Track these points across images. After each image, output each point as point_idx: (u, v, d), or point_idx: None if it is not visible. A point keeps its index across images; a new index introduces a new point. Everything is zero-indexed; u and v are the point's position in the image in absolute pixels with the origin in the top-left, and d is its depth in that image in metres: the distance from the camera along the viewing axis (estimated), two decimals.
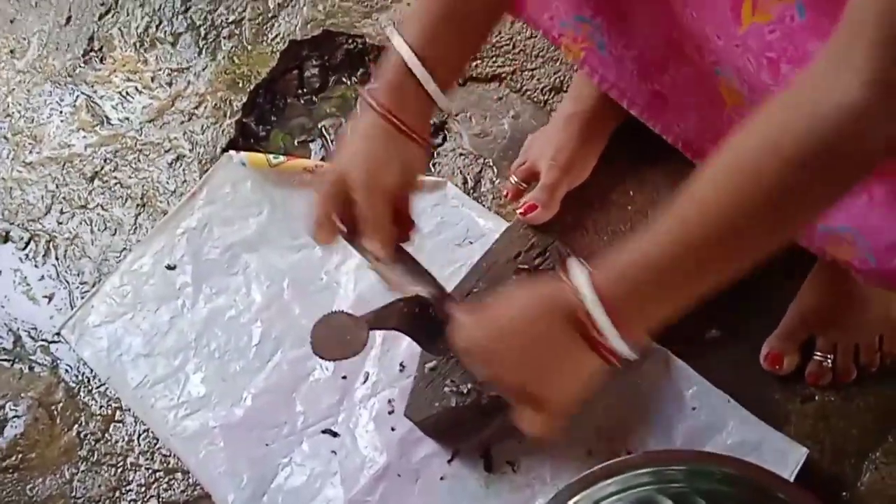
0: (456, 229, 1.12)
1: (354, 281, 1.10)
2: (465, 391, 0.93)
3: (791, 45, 0.63)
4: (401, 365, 1.04)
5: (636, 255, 0.65)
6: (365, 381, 1.04)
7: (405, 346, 1.02)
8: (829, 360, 0.97)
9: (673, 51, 0.78)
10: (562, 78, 1.22)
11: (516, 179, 1.08)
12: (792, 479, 0.90)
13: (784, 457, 0.92)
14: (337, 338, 0.82)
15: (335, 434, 1.02)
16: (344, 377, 1.05)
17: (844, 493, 0.93)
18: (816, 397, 0.98)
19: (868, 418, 0.97)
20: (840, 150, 0.54)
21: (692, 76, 0.78)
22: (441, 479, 0.97)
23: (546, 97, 1.21)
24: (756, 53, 0.66)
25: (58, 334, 1.14)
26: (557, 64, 1.23)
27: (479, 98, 1.22)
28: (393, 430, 1.01)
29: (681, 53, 0.77)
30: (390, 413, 1.02)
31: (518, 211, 1.00)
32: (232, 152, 1.20)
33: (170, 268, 1.15)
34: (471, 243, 1.10)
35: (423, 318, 0.84)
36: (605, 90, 0.85)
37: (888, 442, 0.95)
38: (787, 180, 0.57)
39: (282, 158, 1.17)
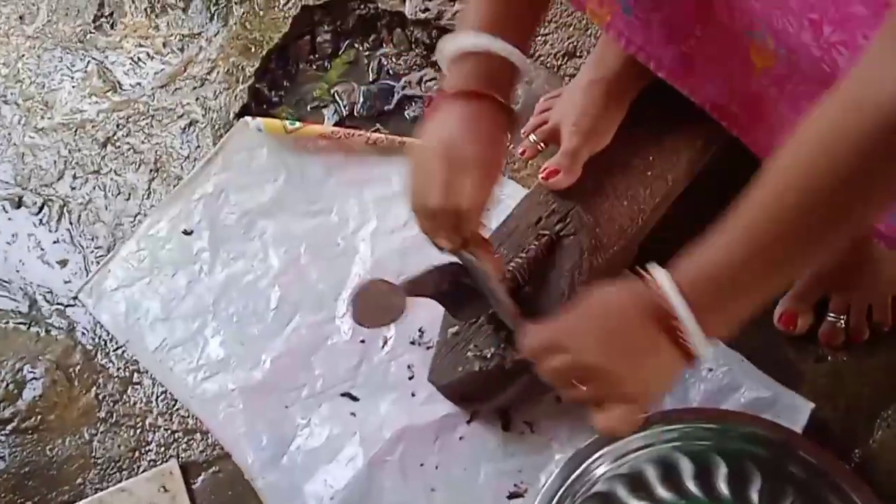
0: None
1: (371, 246, 1.11)
2: (488, 355, 0.94)
3: (833, 6, 0.64)
4: (419, 330, 1.05)
5: (714, 254, 0.65)
6: (384, 346, 1.05)
7: (424, 312, 1.02)
8: (843, 321, 0.99)
9: (702, 13, 0.78)
10: (574, 43, 1.22)
11: (535, 139, 1.09)
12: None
13: (796, 413, 0.94)
14: (376, 306, 0.83)
15: (354, 398, 1.03)
16: (362, 341, 1.06)
17: (857, 451, 0.95)
18: (829, 357, 1.00)
19: (880, 377, 0.98)
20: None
21: (721, 39, 0.78)
22: (460, 438, 0.99)
23: (559, 62, 1.22)
24: (797, 15, 0.67)
25: (75, 298, 1.15)
26: (570, 29, 1.23)
27: None
28: (413, 395, 1.02)
29: (710, 16, 0.77)
30: (410, 378, 1.03)
31: (540, 176, 1.01)
32: (248, 118, 1.20)
33: (186, 233, 1.16)
34: (487, 209, 1.11)
35: (455, 285, 0.85)
36: (632, 53, 0.85)
37: None
38: (862, 170, 0.57)
39: (298, 124, 1.17)
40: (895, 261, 0.97)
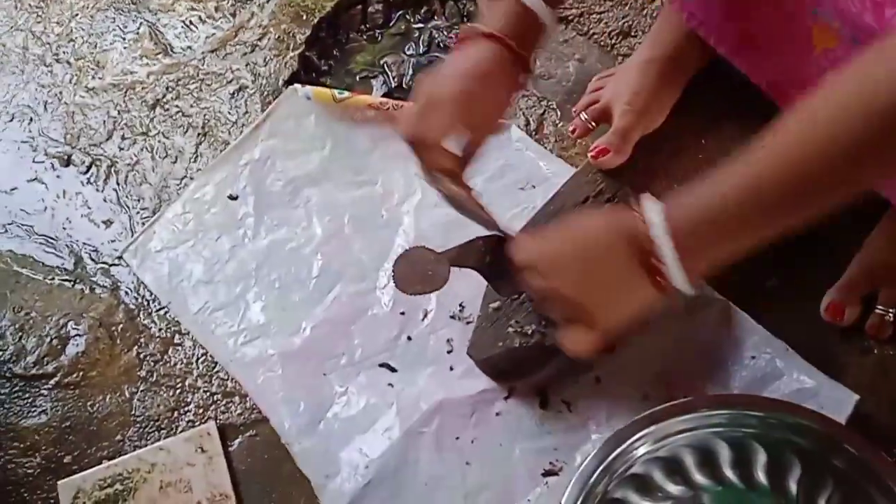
0: (519, 173, 1.12)
1: (415, 218, 1.11)
2: (528, 332, 0.94)
3: None
4: (460, 305, 1.05)
5: (710, 197, 0.66)
6: (424, 318, 1.05)
7: (466, 286, 1.02)
8: (892, 314, 0.98)
9: None
10: (629, 23, 1.21)
11: (586, 117, 1.08)
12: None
13: (840, 405, 0.93)
14: (419, 273, 0.83)
15: (393, 369, 1.03)
16: (402, 313, 1.06)
17: None
18: (876, 350, 0.99)
19: None
20: None
21: (784, 16, 0.76)
22: (497, 414, 0.99)
23: (613, 41, 1.20)
24: None
25: (120, 258, 1.16)
26: (626, 8, 1.22)
27: None
28: (451, 369, 1.02)
29: None
30: (449, 352, 1.03)
31: (590, 154, 1.00)
32: (297, 86, 1.20)
33: (232, 198, 1.16)
34: (533, 187, 1.10)
35: (498, 257, 0.85)
36: (694, 27, 0.84)
37: None
38: (879, 132, 0.57)
39: (347, 94, 1.17)
40: None
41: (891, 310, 0.98)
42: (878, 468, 0.83)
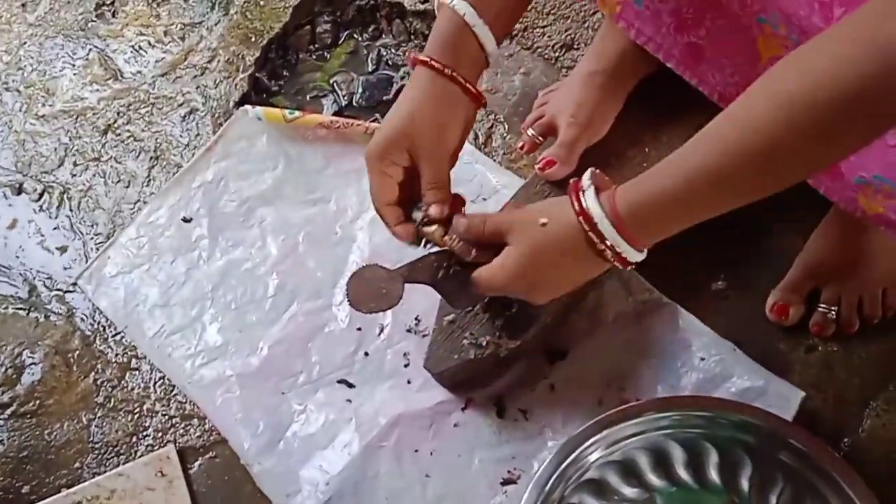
0: (470, 186, 1.13)
1: (369, 234, 1.12)
2: (483, 343, 0.95)
3: None
4: (416, 318, 1.06)
5: (659, 174, 0.69)
6: (380, 333, 1.06)
7: (421, 300, 1.03)
8: (834, 312, 1.00)
9: (712, 2, 0.79)
10: (573, 35, 1.23)
11: (533, 133, 1.10)
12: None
13: (787, 402, 0.95)
14: (372, 290, 0.83)
15: (351, 385, 1.04)
16: (359, 329, 1.07)
17: (846, 440, 0.96)
18: (820, 348, 1.01)
19: (870, 368, 1.00)
20: (888, 92, 0.56)
21: (730, 27, 0.78)
22: (455, 425, 1.00)
23: (557, 54, 1.23)
24: None
25: (74, 284, 1.15)
26: (568, 21, 1.24)
27: None
28: (409, 382, 1.03)
29: (719, 4, 0.78)
30: (406, 366, 1.04)
31: (536, 167, 1.02)
32: (248, 107, 1.21)
33: (186, 220, 1.17)
34: (484, 199, 1.12)
35: (451, 272, 0.86)
36: (642, 44, 0.86)
37: (889, 391, 0.99)
38: (839, 112, 0.58)
39: (297, 113, 1.18)
40: (886, 255, 0.99)
41: (833, 308, 1.00)
42: (826, 464, 0.85)
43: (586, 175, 0.75)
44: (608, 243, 0.72)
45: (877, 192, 0.74)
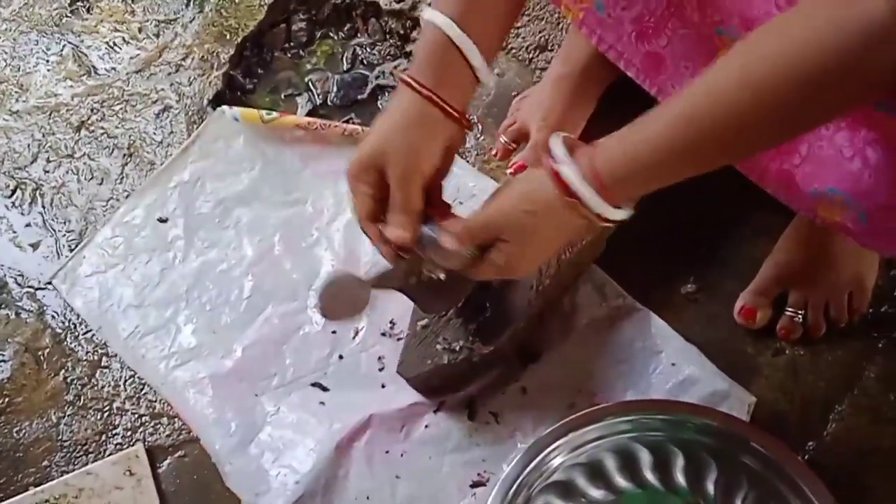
0: (446, 190, 1.13)
1: (345, 236, 1.12)
2: (456, 348, 0.96)
3: None
4: (391, 322, 1.06)
5: (640, 138, 0.68)
6: (355, 337, 1.07)
7: (396, 304, 1.02)
8: (801, 316, 1.02)
9: (672, 11, 0.79)
10: (546, 37, 1.24)
11: (505, 140, 1.10)
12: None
13: (743, 406, 0.97)
14: (342, 298, 0.84)
15: (325, 388, 1.04)
16: (334, 332, 1.07)
17: (811, 443, 0.98)
18: (787, 351, 1.03)
19: (835, 372, 1.01)
20: (861, 66, 0.56)
21: (691, 38, 0.79)
22: (426, 427, 1.01)
23: (531, 55, 1.23)
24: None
25: (49, 283, 1.15)
26: (542, 23, 1.24)
27: None
28: (383, 386, 1.03)
29: (681, 14, 0.78)
30: (381, 370, 1.04)
31: (508, 171, 1.03)
32: (225, 107, 1.21)
33: (161, 220, 1.16)
34: (461, 203, 1.12)
35: (423, 278, 0.86)
36: (603, 51, 0.86)
37: (854, 395, 1.00)
38: (803, 93, 0.59)
39: (275, 114, 1.17)
40: (853, 259, 1.00)
41: (800, 311, 1.02)
42: (788, 467, 0.86)
43: (558, 148, 0.72)
44: (595, 212, 0.71)
45: (832, 204, 0.75)
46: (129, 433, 1.06)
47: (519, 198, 0.76)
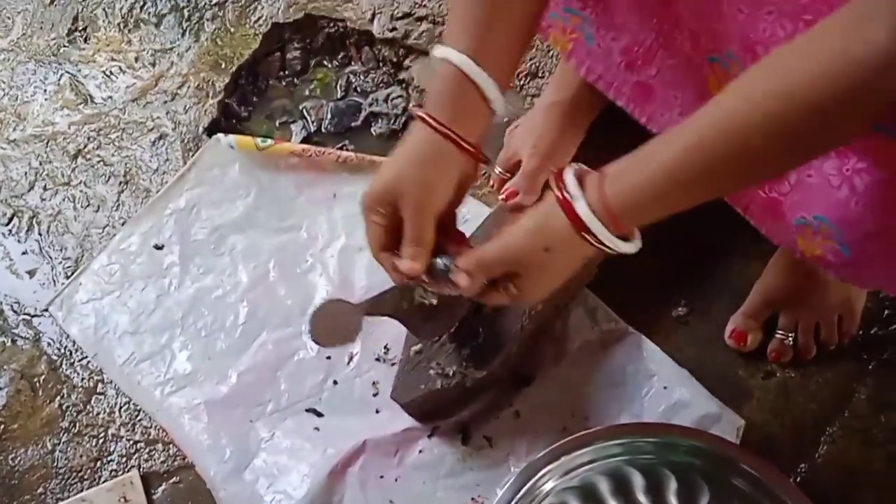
0: None
1: (339, 263, 1.13)
2: (449, 373, 0.96)
3: (826, 5, 0.65)
4: (385, 347, 1.07)
5: (646, 160, 0.68)
6: (349, 362, 1.07)
7: (390, 329, 1.01)
8: (791, 339, 1.03)
9: (661, 42, 0.80)
10: (538, 64, 1.25)
11: (500, 170, 1.11)
12: None
13: (732, 428, 0.98)
14: (334, 325, 0.84)
15: (319, 414, 1.05)
16: (328, 358, 1.07)
17: (802, 465, 0.98)
18: (778, 374, 1.04)
19: (826, 394, 1.02)
20: (869, 94, 0.57)
21: (680, 67, 0.80)
22: (420, 452, 1.01)
23: (522, 82, 1.25)
24: (792, 17, 0.68)
25: (45, 310, 1.16)
26: (533, 50, 1.26)
27: None
28: (378, 412, 1.04)
29: (670, 44, 0.79)
30: (375, 395, 1.05)
31: (500, 197, 1.04)
32: (220, 135, 1.22)
33: (157, 247, 1.17)
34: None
35: (415, 304, 0.87)
36: (593, 81, 0.87)
37: (844, 417, 1.01)
38: (808, 123, 0.59)
39: (270, 142, 1.19)
40: (841, 282, 1.01)
41: (790, 334, 1.03)
42: (778, 489, 0.87)
43: (571, 183, 0.71)
44: (608, 245, 0.71)
45: (816, 234, 0.75)
46: (123, 459, 1.06)
47: (533, 233, 0.75)
